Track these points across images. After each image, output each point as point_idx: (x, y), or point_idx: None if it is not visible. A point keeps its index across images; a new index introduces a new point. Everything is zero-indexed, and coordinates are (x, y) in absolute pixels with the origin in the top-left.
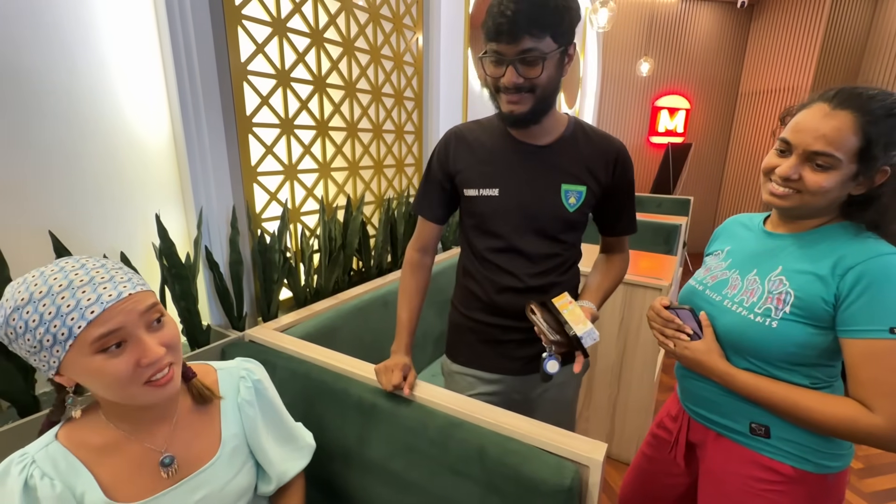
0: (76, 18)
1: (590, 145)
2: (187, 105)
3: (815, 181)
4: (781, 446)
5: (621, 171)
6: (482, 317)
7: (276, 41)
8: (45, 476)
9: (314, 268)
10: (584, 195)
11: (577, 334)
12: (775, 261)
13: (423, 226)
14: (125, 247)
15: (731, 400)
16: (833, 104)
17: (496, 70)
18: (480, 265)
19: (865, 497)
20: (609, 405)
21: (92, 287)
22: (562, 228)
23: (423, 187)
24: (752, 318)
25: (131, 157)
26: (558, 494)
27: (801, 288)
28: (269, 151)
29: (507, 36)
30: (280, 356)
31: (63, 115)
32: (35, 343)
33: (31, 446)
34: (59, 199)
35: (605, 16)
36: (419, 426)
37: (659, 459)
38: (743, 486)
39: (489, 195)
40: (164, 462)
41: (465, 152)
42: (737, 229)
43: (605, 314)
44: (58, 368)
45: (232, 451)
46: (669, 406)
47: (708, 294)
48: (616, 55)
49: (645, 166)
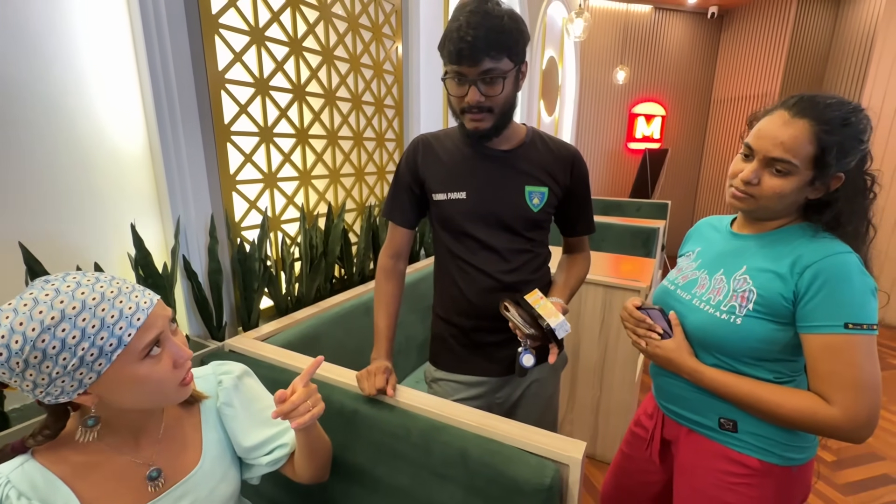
0: (51, 28)
1: (548, 151)
2: (163, 113)
3: (772, 186)
4: (748, 440)
5: (578, 174)
6: (461, 321)
7: (254, 50)
8: (22, 496)
9: (295, 276)
10: (546, 196)
11: (551, 326)
12: (740, 260)
13: (394, 231)
14: (99, 257)
15: (701, 396)
16: (792, 112)
17: (459, 90)
18: (455, 268)
19: (839, 488)
20: (592, 406)
21: (126, 297)
22: (528, 227)
23: (393, 193)
24: (717, 316)
25: (106, 165)
26: (539, 494)
27: (763, 286)
28: (248, 160)
29: (469, 59)
30: (261, 365)
31: (36, 123)
32: (73, 361)
33: (6, 466)
34: (31, 210)
35: (581, 25)
36: (402, 431)
37: (636, 457)
38: (714, 480)
39: (457, 198)
40: (150, 476)
41: (432, 158)
42: (707, 231)
43: (586, 316)
44: (88, 387)
45: (214, 457)
46: (646, 404)
47: (679, 293)
48: (593, 64)
49: (623, 172)
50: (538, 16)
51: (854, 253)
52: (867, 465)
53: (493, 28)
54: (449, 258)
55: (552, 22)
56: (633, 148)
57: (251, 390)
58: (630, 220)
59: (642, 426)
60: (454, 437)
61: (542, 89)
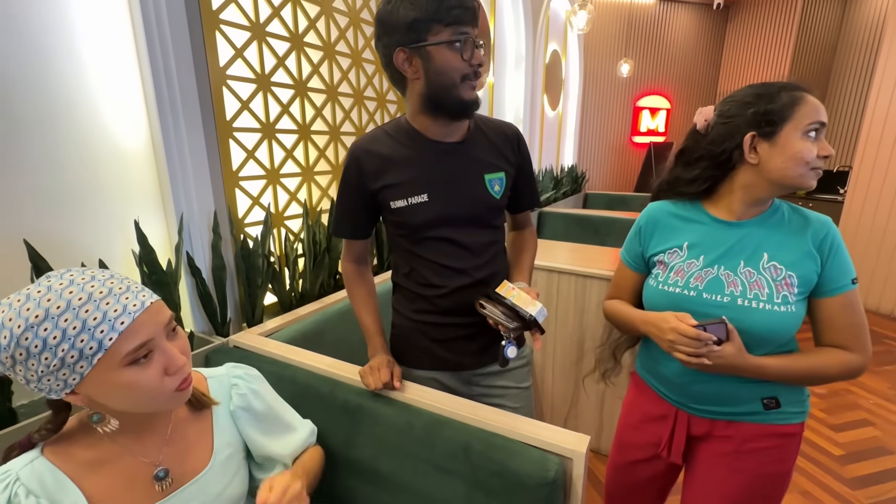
0: (52, 24)
1: (493, 132)
2: (165, 110)
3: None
4: (790, 409)
5: (523, 149)
6: (433, 318)
7: (255, 46)
8: (31, 494)
9: (299, 272)
10: (504, 180)
11: (533, 315)
12: (756, 248)
13: (350, 243)
14: (103, 254)
15: (742, 386)
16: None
17: (467, 52)
18: (425, 271)
19: (847, 483)
20: (597, 400)
21: (114, 298)
22: (494, 216)
23: (340, 211)
24: (778, 310)
25: (109, 162)
26: (542, 487)
27: (797, 266)
28: (250, 156)
29: (474, 18)
30: (265, 360)
31: (38, 121)
32: (54, 362)
33: (15, 463)
34: (35, 207)
35: (584, 18)
36: (405, 425)
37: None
38: (762, 459)
39: (419, 202)
40: (158, 476)
41: (380, 166)
42: (676, 223)
43: (588, 310)
44: (73, 387)
45: (224, 460)
46: (647, 408)
47: (707, 297)
48: (597, 57)
49: (628, 166)
50: (541, 8)
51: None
52: (876, 460)
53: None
54: (415, 259)
55: (555, 15)
56: (637, 142)
57: (265, 399)
58: (634, 215)
59: (649, 432)
60: (457, 432)
61: (545, 84)
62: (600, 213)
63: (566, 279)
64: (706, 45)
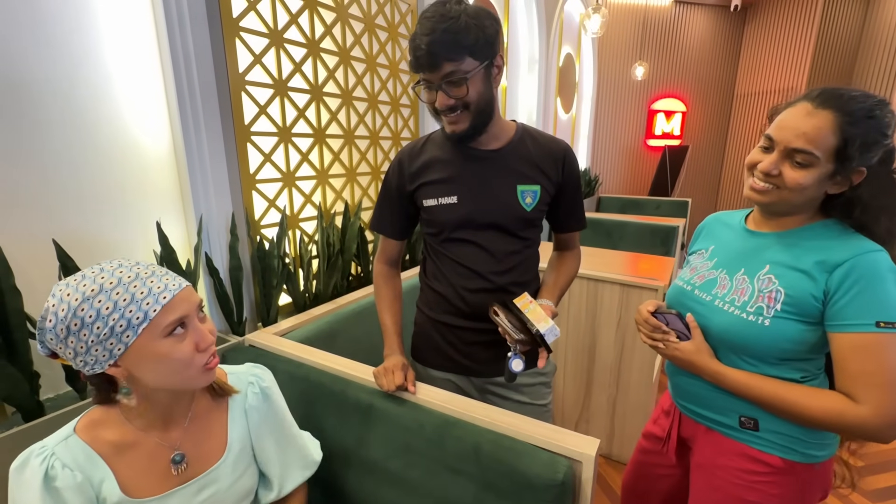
0: (78, 30)
1: (538, 147)
2: (187, 114)
3: (794, 178)
4: (770, 438)
5: (569, 170)
6: (450, 319)
7: (273, 52)
8: (66, 467)
9: (313, 273)
10: (539, 194)
11: (540, 332)
12: (761, 259)
13: (385, 243)
14: (126, 254)
15: (720, 395)
16: (815, 103)
17: (429, 96)
18: (447, 270)
19: (866, 495)
20: (608, 406)
21: (157, 278)
22: (522, 227)
23: (381, 206)
24: (744, 318)
25: (132, 165)
26: (551, 489)
27: (791, 285)
28: (267, 159)
29: (428, 66)
30: (279, 360)
31: (65, 124)
32: (105, 331)
33: (50, 439)
34: (62, 208)
35: (598, 21)
36: (416, 426)
37: (653, 453)
38: (734, 479)
39: (448, 203)
40: (174, 459)
41: (419, 168)
42: (718, 228)
43: (602, 315)
44: (118, 358)
45: (238, 453)
46: (663, 402)
47: (697, 294)
48: (611, 60)
49: (642, 169)
50: (555, 12)
51: (885, 251)
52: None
53: (449, 30)
54: (440, 258)
55: (569, 18)
56: (652, 145)
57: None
58: (649, 219)
59: (659, 424)
60: (467, 432)
61: (558, 87)
62: (613, 216)
63: (578, 283)
64: (723, 48)
